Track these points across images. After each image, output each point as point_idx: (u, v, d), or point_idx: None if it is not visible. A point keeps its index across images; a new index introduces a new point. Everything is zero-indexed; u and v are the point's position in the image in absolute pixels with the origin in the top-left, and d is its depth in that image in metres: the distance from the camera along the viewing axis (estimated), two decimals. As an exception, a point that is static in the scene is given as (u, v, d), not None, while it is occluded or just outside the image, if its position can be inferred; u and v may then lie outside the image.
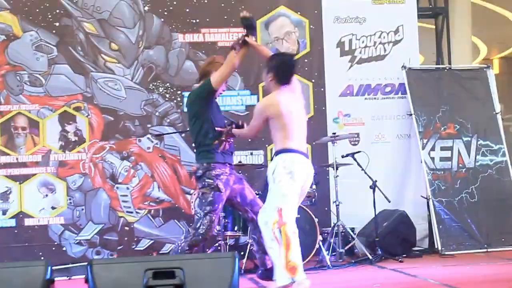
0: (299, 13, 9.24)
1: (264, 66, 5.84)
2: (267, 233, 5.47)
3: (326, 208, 8.72)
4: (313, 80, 9.18)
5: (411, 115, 9.16)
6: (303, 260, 6.73)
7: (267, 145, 8.93)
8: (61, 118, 8.68)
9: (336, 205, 8.07)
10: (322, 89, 9.18)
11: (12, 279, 3.72)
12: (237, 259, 3.89)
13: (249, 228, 6.77)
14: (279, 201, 5.47)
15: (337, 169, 8.09)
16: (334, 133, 8.31)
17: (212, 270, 3.84)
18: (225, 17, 9.01)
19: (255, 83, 9.03)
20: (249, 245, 7.49)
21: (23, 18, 8.68)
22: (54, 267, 7.59)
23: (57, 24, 8.75)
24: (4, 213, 8.50)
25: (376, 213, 8.18)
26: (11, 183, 8.53)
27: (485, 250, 8.64)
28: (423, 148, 9.09)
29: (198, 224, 5.83)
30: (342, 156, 8.31)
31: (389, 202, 8.28)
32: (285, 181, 5.48)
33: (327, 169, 8.66)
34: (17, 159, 8.57)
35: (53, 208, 8.57)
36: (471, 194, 9.07)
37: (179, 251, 5.81)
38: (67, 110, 8.68)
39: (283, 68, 5.69)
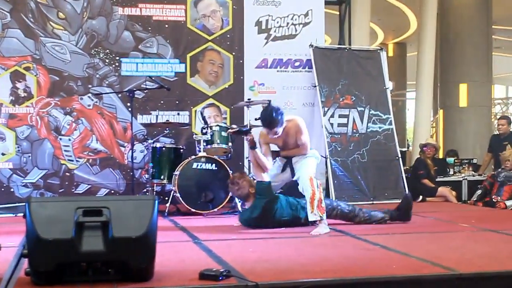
0: None
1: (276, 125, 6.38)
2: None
3: (240, 163, 8.95)
4: (233, 53, 9.39)
5: (315, 86, 9.42)
6: (220, 206, 7.32)
7: (192, 107, 9.29)
8: (13, 76, 8.70)
9: (248, 161, 8.37)
10: (241, 61, 9.40)
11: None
12: (156, 202, 3.94)
13: None
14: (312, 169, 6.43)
15: (250, 129, 8.43)
16: (249, 99, 8.58)
17: (135, 210, 3.86)
18: (160, -6, 9.12)
19: (183, 53, 9.24)
20: (172, 191, 7.70)
21: (-21, -14, 8.62)
22: (2, 206, 7.90)
23: (11, -7, 8.71)
24: (-42, 157, 8.51)
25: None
26: (-34, 131, 8.52)
27: (371, 202, 8.99)
28: (324, 115, 9.38)
29: None
30: (255, 119, 8.59)
31: None
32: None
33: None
34: (-29, 111, 8.55)
35: (3, 154, 8.62)
36: (362, 155, 9.43)
37: None
38: (18, 69, 8.70)
39: (269, 121, 6.43)
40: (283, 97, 9.51)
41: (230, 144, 8.03)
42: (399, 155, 9.72)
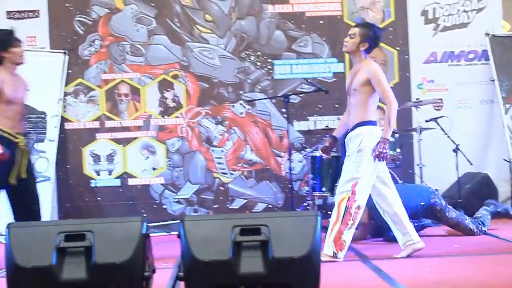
0: None
1: (360, 33, 5.87)
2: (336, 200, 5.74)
3: (410, 171, 8.81)
4: (397, 48, 9.23)
5: (493, 81, 9.07)
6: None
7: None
8: (160, 86, 9.02)
9: (420, 168, 8.21)
10: (406, 57, 9.22)
11: (112, 233, 3.87)
12: (319, 218, 3.92)
13: None
14: (357, 174, 5.68)
15: (420, 133, 8.24)
16: (418, 99, 8.45)
17: (296, 227, 3.87)
18: (313, -12, 9.17)
19: (341, 51, 9.19)
20: None
21: (124, -8, 9.04)
22: (155, 224, 8.21)
23: (156, -3, 9.08)
24: (110, 173, 8.94)
25: (459, 176, 8.28)
26: (116, 146, 8.96)
27: None
28: (506, 113, 8.99)
29: None
30: (426, 121, 8.47)
31: (471, 165, 8.36)
32: (369, 155, 5.69)
33: (411, 133, 8.74)
34: (120, 123, 8.97)
35: (154, 169, 8.97)
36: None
37: None
38: (165, 78, 9.01)
39: (377, 42, 5.93)
40: (457, 95, 9.26)
41: (398, 150, 7.89)
42: None
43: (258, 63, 9.18)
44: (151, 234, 4.11)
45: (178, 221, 3.98)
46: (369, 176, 5.71)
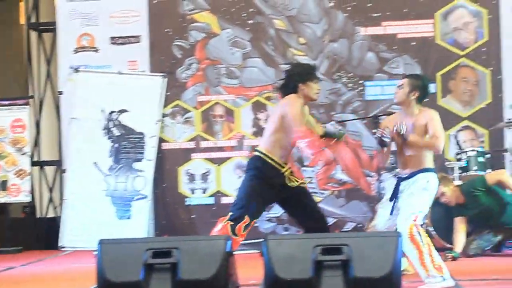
0: (477, 4, 9.11)
1: (408, 83, 5.68)
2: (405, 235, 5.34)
3: None
4: (490, 68, 9.05)
5: None
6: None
7: (444, 131, 9.04)
8: (254, 107, 9.16)
9: None
10: (499, 77, 9.01)
11: (197, 250, 3.98)
12: (401, 238, 3.94)
13: None
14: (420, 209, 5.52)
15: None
16: (510, 119, 8.30)
17: (377, 247, 3.88)
18: (405, 10, 9.12)
19: (433, 72, 9.02)
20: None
21: (220, 18, 9.22)
22: (247, 241, 8.26)
23: (251, 21, 9.22)
24: (204, 191, 9.11)
25: None
26: (210, 165, 9.12)
27: None
28: None
29: None
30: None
31: None
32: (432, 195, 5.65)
33: (503, 154, 8.54)
34: (215, 144, 9.15)
35: (247, 188, 9.16)
36: None
37: None
38: (259, 99, 9.14)
39: (426, 91, 5.73)
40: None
41: (489, 170, 7.73)
42: None
43: (350, 84, 9.19)
44: (243, 252, 4.18)
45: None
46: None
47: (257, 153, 5.80)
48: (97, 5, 9.40)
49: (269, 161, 5.71)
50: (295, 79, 5.84)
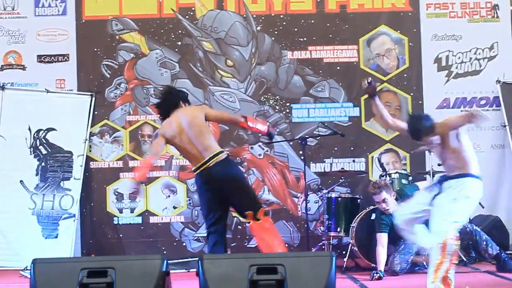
0: (399, 31, 9.33)
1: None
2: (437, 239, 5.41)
3: None
4: (411, 94, 9.25)
5: (505, 126, 9.03)
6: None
7: (368, 153, 9.23)
8: (182, 127, 9.19)
9: None
10: (420, 102, 9.22)
11: (132, 270, 3.92)
12: (334, 258, 3.96)
13: None
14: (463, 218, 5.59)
15: (433, 176, 8.22)
16: (430, 143, 8.48)
17: (311, 267, 3.90)
18: (330, 35, 9.25)
19: (357, 96, 9.22)
20: (350, 245, 7.73)
21: (149, 38, 9.16)
22: (174, 261, 8.20)
23: (179, 43, 9.19)
24: (132, 211, 8.99)
25: (471, 218, 8.17)
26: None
27: None
28: None
29: None
30: (439, 165, 8.45)
31: (483, 208, 8.30)
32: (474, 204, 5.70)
33: (425, 176, 8.67)
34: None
35: (174, 207, 9.01)
36: None
37: None
38: (187, 120, 9.18)
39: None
40: (469, 139, 9.13)
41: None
42: None
43: (277, 107, 9.24)
44: (171, 271, 4.12)
45: (197, 258, 3.98)
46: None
47: None
48: (25, 23, 9.19)
49: None
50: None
